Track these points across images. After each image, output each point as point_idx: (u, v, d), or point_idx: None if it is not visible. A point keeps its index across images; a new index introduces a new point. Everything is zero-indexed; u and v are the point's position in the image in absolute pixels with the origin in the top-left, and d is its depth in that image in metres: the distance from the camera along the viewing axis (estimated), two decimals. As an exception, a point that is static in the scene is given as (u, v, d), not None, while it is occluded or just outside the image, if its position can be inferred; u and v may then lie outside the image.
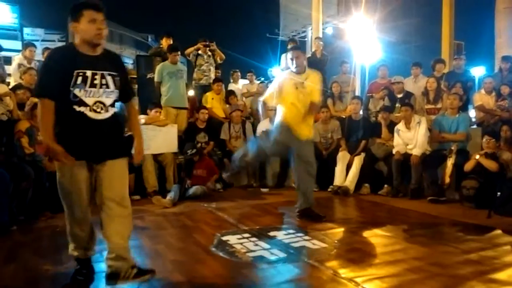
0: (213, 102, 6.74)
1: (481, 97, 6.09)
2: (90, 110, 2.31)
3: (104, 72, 2.36)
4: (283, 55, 7.87)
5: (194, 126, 6.26)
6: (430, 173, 5.13)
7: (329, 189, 5.69)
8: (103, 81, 2.35)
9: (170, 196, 4.97)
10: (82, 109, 2.30)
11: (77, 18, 2.31)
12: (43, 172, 4.25)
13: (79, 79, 2.29)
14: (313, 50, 8.35)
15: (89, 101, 2.31)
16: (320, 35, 10.42)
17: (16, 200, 4.01)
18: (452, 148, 4.97)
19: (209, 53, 7.14)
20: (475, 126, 6.14)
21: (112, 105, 2.41)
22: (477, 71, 13.90)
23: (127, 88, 2.56)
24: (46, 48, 7.04)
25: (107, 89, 2.37)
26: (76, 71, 2.28)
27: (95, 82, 2.33)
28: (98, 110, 2.34)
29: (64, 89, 2.27)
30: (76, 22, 2.32)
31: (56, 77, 2.27)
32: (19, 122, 4.50)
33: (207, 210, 4.67)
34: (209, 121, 6.29)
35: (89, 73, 2.31)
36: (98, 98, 2.34)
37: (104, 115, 2.36)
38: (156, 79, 6.26)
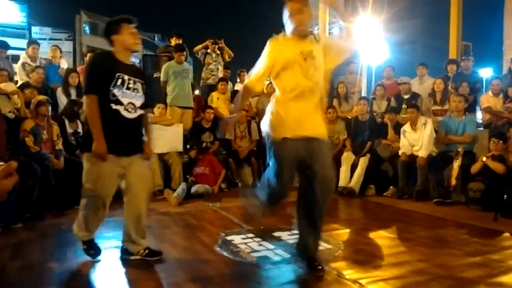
0: (219, 102, 6.75)
1: (488, 99, 6.05)
2: (124, 109, 2.71)
3: (136, 79, 2.81)
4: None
5: (200, 125, 6.27)
6: (436, 174, 5.10)
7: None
8: (135, 86, 2.79)
9: (176, 194, 4.97)
10: (118, 107, 2.69)
11: (117, 31, 2.75)
12: (49, 170, 4.28)
13: (119, 81, 2.70)
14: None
15: (124, 101, 2.72)
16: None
17: (22, 198, 4.04)
18: (459, 150, 4.93)
19: (218, 51, 7.15)
20: (482, 128, 6.09)
21: (140, 107, 2.82)
22: (485, 73, 13.80)
23: (146, 96, 2.97)
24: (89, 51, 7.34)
25: (137, 93, 2.80)
26: (117, 74, 2.70)
27: (130, 85, 2.76)
28: (130, 110, 2.74)
29: (105, 88, 2.65)
30: (117, 34, 2.75)
31: (101, 76, 2.67)
32: (24, 121, 4.52)
33: (212, 210, 4.67)
34: (214, 121, 6.30)
35: (126, 77, 2.74)
36: (131, 100, 2.75)
37: (134, 115, 2.76)
38: (162, 78, 6.28)
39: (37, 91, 5.12)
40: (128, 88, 2.74)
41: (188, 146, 5.68)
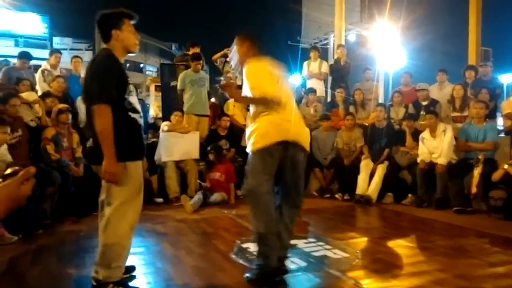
0: (235, 110, 6.78)
1: (509, 105, 5.91)
2: (140, 117, 2.45)
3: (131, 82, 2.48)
4: (305, 63, 7.89)
5: (216, 133, 6.31)
6: (456, 182, 4.99)
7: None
8: (133, 90, 2.47)
9: (192, 202, 5.00)
10: (135, 115, 2.41)
11: (119, 26, 2.38)
12: (69, 177, 4.36)
13: (131, 86, 2.40)
14: (336, 57, 8.31)
15: (138, 108, 2.44)
16: (343, 43, 10.36)
17: (42, 205, 4.12)
18: (479, 157, 4.83)
19: None
20: (503, 135, 5.95)
21: None
22: (506, 78, 13.54)
23: None
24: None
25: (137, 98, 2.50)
26: (128, 79, 2.40)
27: (133, 90, 2.46)
28: (141, 116, 2.47)
29: (120, 96, 2.31)
30: (119, 30, 2.38)
31: (116, 84, 2.29)
32: (45, 129, 4.63)
33: (228, 217, 4.67)
34: (230, 128, 6.33)
35: (131, 81, 2.45)
36: (139, 105, 2.47)
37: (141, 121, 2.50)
38: (178, 87, 6.35)
39: (58, 100, 5.24)
40: (136, 94, 2.50)
41: (208, 148, 5.71)
